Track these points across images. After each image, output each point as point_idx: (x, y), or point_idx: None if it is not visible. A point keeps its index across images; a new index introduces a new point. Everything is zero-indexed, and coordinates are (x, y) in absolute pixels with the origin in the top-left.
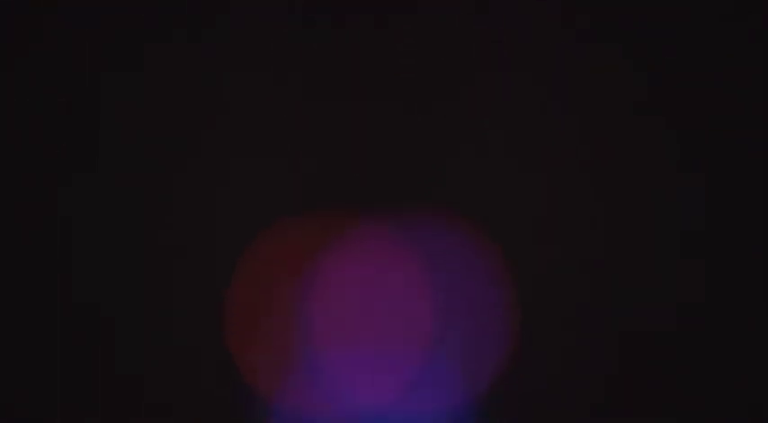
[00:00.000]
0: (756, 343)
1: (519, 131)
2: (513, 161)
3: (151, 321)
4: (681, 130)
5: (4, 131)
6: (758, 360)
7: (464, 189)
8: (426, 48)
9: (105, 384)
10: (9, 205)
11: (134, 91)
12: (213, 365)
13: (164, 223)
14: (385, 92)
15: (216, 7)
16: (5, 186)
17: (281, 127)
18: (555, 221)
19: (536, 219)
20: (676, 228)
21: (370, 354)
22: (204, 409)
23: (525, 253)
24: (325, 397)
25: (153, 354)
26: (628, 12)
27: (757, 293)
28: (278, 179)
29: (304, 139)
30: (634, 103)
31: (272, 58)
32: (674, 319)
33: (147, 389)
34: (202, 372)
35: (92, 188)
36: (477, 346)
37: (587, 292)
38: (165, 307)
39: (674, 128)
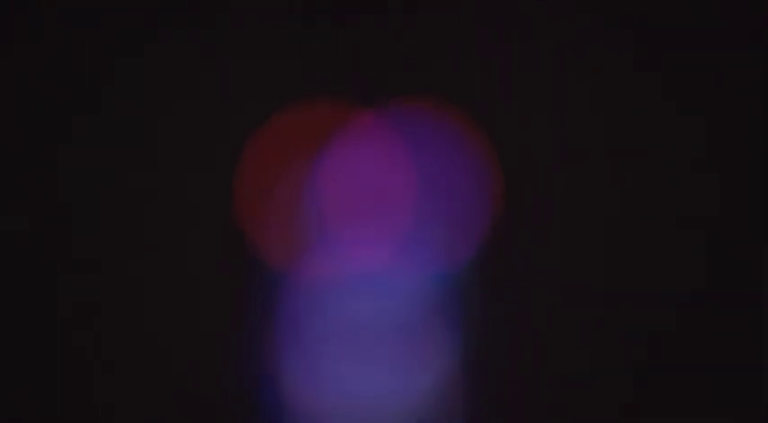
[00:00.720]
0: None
1: (508, 27)
2: (501, 54)
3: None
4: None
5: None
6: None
7: (453, 81)
8: None
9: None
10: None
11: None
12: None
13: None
14: None
15: None
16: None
17: (283, 25)
18: (541, 115)
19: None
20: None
21: (367, 224)
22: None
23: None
24: (330, 263)
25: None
26: None
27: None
28: (278, 73)
29: (305, 36)
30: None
31: None
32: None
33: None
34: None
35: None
36: (463, 217)
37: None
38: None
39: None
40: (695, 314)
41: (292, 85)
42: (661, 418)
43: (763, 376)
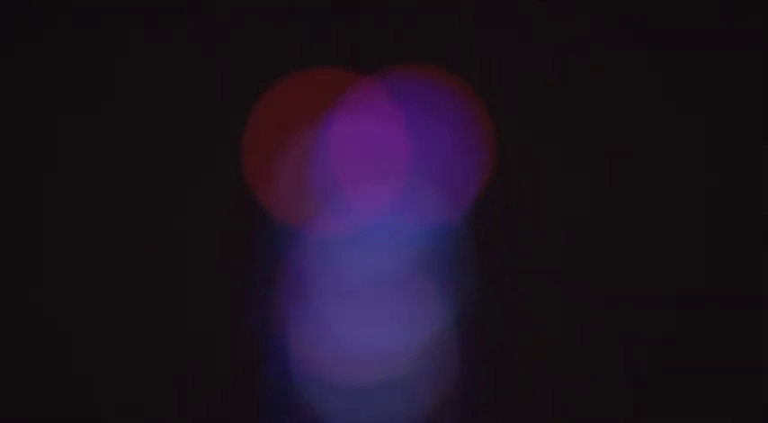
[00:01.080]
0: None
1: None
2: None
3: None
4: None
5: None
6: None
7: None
8: None
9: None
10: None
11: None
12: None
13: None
14: None
15: None
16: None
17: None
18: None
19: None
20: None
21: (367, 177)
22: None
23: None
24: (335, 215)
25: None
26: None
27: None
28: (280, 44)
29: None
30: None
31: None
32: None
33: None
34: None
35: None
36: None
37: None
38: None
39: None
40: (695, 314)
41: (292, 60)
42: (661, 418)
43: (763, 376)
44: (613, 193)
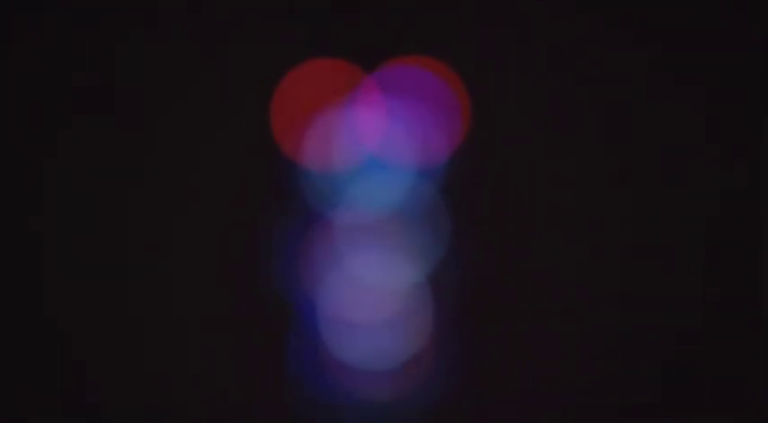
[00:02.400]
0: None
1: None
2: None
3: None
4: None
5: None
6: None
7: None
8: None
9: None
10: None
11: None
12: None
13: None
14: None
15: None
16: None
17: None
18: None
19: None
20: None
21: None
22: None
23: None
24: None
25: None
26: None
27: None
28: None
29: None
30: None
31: None
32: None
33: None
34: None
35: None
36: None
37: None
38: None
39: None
40: (695, 314)
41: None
42: (661, 417)
43: (763, 376)
44: (611, 196)
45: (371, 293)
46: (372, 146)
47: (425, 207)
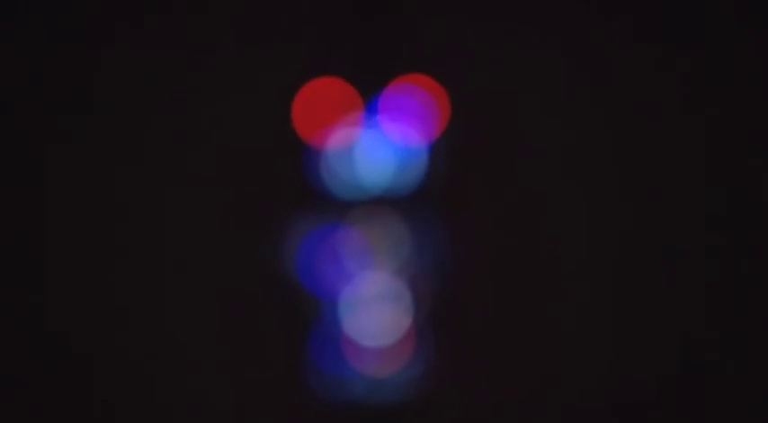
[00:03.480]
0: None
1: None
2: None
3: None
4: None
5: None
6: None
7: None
8: None
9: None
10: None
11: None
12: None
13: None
14: None
15: None
16: None
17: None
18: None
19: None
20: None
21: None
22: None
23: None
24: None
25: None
26: None
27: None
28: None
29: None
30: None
31: None
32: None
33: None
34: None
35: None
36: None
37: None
38: None
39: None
40: (695, 314)
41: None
42: (661, 418)
43: (764, 376)
44: (611, 195)
45: (372, 279)
46: (360, 138)
47: (418, 196)
